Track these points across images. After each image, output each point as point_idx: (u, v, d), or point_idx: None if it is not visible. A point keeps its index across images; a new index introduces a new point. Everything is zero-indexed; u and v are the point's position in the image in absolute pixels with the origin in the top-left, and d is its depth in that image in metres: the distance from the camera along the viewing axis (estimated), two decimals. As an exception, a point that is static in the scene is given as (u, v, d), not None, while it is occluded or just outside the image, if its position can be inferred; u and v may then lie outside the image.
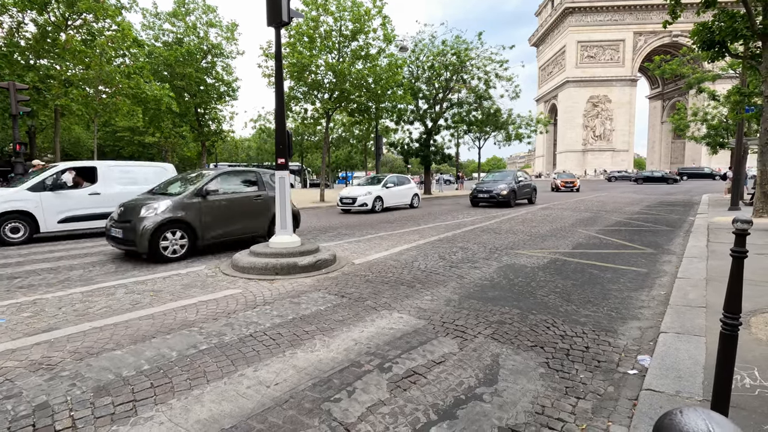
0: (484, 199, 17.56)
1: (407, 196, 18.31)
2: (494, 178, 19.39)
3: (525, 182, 19.08)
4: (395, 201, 17.60)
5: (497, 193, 17.08)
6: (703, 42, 11.15)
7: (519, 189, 18.09)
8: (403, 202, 18.04)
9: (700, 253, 6.40)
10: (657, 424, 1.06)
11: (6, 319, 4.05)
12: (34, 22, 17.64)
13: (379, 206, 16.31)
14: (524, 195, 18.76)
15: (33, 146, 24.88)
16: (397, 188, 17.80)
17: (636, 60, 75.74)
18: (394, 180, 18.13)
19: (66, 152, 38.54)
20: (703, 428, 0.95)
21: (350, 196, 16.14)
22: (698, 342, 3.15)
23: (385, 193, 16.74)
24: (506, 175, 19.11)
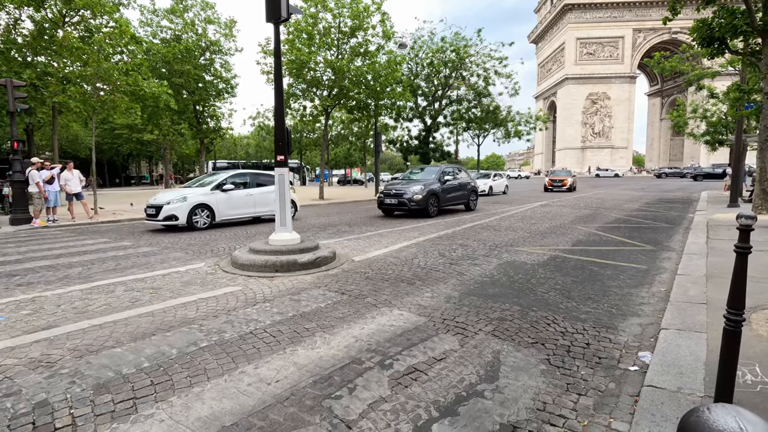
0: (392, 206, 12.92)
1: None
2: (412, 176, 14.69)
3: (458, 181, 14.35)
4: None
5: (409, 197, 12.34)
6: (702, 39, 11.13)
7: (445, 191, 13.46)
8: None
9: (699, 250, 6.40)
10: (683, 422, 0.99)
11: (5, 317, 4.03)
12: (31, 19, 17.52)
13: None
14: (455, 199, 14.16)
15: (31, 144, 24.79)
16: None
17: (635, 57, 75.65)
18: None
19: (64, 150, 38.42)
20: (734, 426, 0.89)
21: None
22: (699, 338, 3.14)
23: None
24: (430, 173, 14.19)
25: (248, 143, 61.51)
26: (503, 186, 25.81)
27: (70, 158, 32.90)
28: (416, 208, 12.41)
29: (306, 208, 17.31)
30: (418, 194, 12.42)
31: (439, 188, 13.18)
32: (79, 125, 34.78)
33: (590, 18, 76.48)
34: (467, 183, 14.88)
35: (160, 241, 8.72)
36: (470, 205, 14.96)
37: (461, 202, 14.63)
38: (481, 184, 22.54)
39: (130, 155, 53.25)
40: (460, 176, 14.78)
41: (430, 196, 12.62)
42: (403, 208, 12.62)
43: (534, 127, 33.41)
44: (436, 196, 12.94)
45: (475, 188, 15.28)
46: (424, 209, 12.46)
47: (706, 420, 0.93)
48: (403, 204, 12.46)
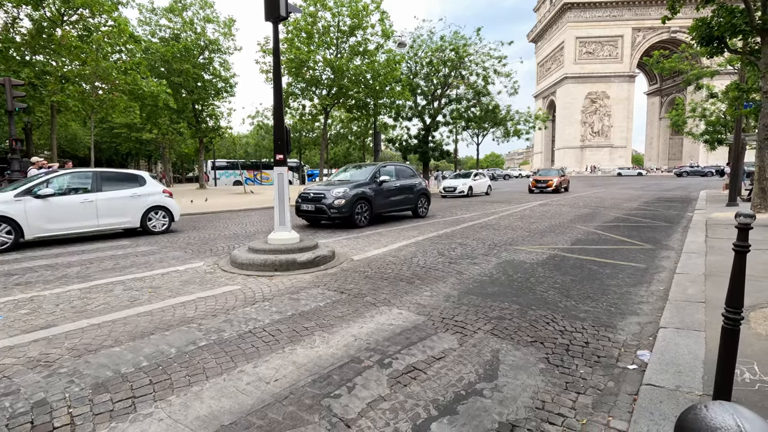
0: (310, 214, 10.38)
1: None
2: (341, 175, 12.21)
3: (399, 183, 11.81)
4: None
5: (329, 203, 9.85)
6: (701, 38, 11.12)
7: (381, 195, 10.94)
8: None
9: (698, 249, 6.41)
10: (681, 420, 0.99)
11: (3, 316, 4.03)
12: (29, 18, 17.50)
13: None
14: (397, 204, 11.74)
15: (29, 143, 24.74)
16: None
17: (634, 56, 75.67)
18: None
19: (63, 149, 38.36)
20: (731, 423, 0.89)
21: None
22: (698, 337, 3.15)
23: None
24: (364, 172, 11.51)
25: (247, 142, 61.50)
26: (485, 186, 23.99)
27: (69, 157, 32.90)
28: (338, 216, 9.94)
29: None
30: (341, 198, 9.86)
31: (371, 191, 10.62)
32: (77, 124, 34.74)
33: (589, 17, 76.48)
34: (414, 185, 12.40)
35: (159, 240, 8.71)
36: (419, 211, 12.47)
37: (406, 207, 12.21)
38: (459, 184, 22.02)
39: (129, 154, 53.17)
40: (405, 176, 12.39)
41: (357, 202, 10.17)
42: (323, 216, 10.17)
43: (533, 127, 33.43)
44: (366, 201, 10.46)
45: (425, 191, 12.83)
46: (349, 217, 10.01)
47: (703, 417, 0.93)
48: (322, 211, 9.97)
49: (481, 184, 23.50)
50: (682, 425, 0.97)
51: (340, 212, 9.90)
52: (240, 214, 14.55)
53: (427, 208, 12.96)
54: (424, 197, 12.77)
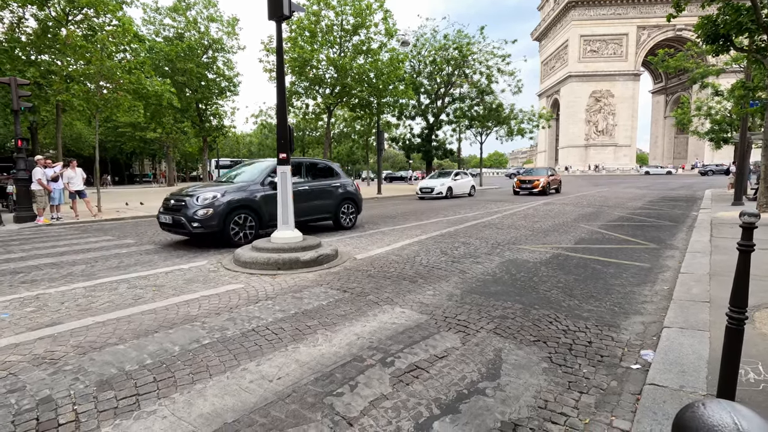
0: (168, 226, 7.96)
1: None
2: (229, 174, 9.48)
3: (310, 186, 9.24)
4: None
5: (191, 214, 7.40)
6: (707, 35, 11.04)
7: (274, 201, 7.24)
8: None
9: (703, 248, 6.37)
10: (678, 418, 0.99)
11: (9, 314, 4.06)
12: (34, 17, 17.58)
13: None
14: (303, 213, 8.75)
15: (35, 142, 24.91)
16: None
17: (639, 54, 75.24)
18: None
19: (68, 148, 38.60)
20: (729, 421, 0.88)
21: None
22: (702, 337, 3.13)
23: None
24: (254, 172, 8.77)
25: (251, 141, 61.65)
26: (467, 187, 22.51)
27: (74, 156, 33.08)
28: (202, 233, 7.37)
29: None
30: (206, 208, 7.34)
31: (259, 197, 8.01)
32: (82, 123, 34.94)
33: (594, 15, 76.10)
34: (335, 187, 9.72)
35: (163, 239, 8.75)
36: (341, 221, 9.82)
37: (322, 216, 9.52)
38: (437, 185, 20.56)
39: (133, 153, 53.46)
40: (322, 176, 9.82)
41: (233, 211, 7.61)
42: (182, 231, 7.60)
43: (537, 125, 33.31)
44: (250, 211, 7.87)
45: (353, 195, 10.14)
46: (218, 233, 7.47)
47: (701, 415, 0.93)
48: (180, 224, 7.44)
49: (462, 184, 22.10)
50: (679, 423, 0.97)
51: (206, 226, 7.33)
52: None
53: (354, 216, 10.25)
54: (349, 203, 10.07)
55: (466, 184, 22.48)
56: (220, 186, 8.15)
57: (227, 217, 7.60)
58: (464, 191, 22.20)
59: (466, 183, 22.45)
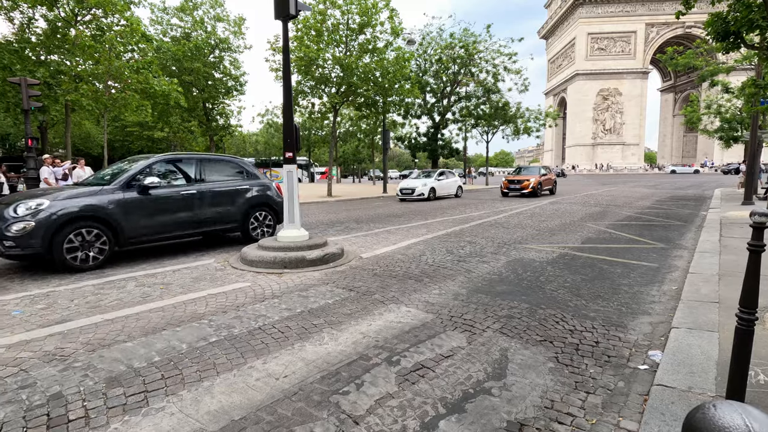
0: None
1: None
2: (100, 175, 7.42)
3: (198, 190, 7.22)
4: None
5: (1, 231, 5.31)
6: (717, 33, 10.89)
7: (139, 210, 6.39)
8: None
9: (712, 248, 6.30)
10: (689, 419, 0.98)
11: (21, 311, 4.12)
12: (44, 18, 17.79)
13: None
14: (188, 225, 7.08)
15: (45, 141, 25.20)
16: None
17: (647, 52, 74.51)
18: None
19: (77, 147, 39.00)
20: (740, 423, 0.87)
21: None
22: (711, 337, 3.10)
23: None
24: (118, 173, 6.77)
25: (257, 140, 61.87)
26: (454, 188, 21.13)
27: (83, 155, 33.41)
28: (17, 254, 5.47)
29: (314, 205, 17.38)
30: (26, 221, 5.41)
31: (114, 205, 6.14)
32: (91, 123, 35.29)
33: (602, 13, 75.46)
34: (242, 190, 7.74)
35: (171, 238, 8.81)
36: (252, 233, 7.88)
37: (221, 228, 7.52)
38: (419, 185, 18.81)
39: (141, 153, 53.90)
40: (223, 176, 7.71)
41: (64, 225, 5.64)
42: (13, 253, 5.44)
43: (543, 124, 33.12)
44: (99, 224, 5.98)
45: (267, 200, 8.12)
46: (44, 254, 5.51)
47: (711, 417, 0.92)
48: (4, 238, 5.36)
49: (447, 184, 20.56)
50: (690, 424, 0.96)
51: (23, 246, 5.37)
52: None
53: (271, 226, 8.26)
54: (264, 210, 8.11)
55: (452, 185, 21.08)
56: (62, 191, 6.05)
57: (57, 234, 5.53)
58: (449, 192, 20.81)
59: (451, 183, 21.07)
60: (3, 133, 37.70)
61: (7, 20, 17.65)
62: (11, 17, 17.63)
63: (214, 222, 7.45)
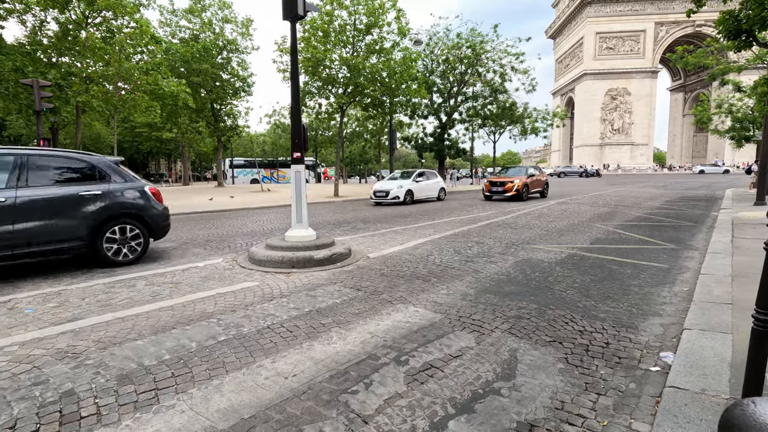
0: None
1: None
2: None
3: (21, 199, 5.16)
4: None
5: None
6: (728, 31, 10.76)
7: None
8: None
9: (724, 249, 6.22)
10: (726, 415, 0.95)
11: (33, 309, 4.17)
12: (55, 21, 18.04)
13: None
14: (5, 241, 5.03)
15: (56, 142, 25.51)
16: None
17: (657, 51, 73.75)
18: None
19: (87, 148, 39.45)
20: None
21: None
22: (724, 339, 3.06)
23: None
24: None
25: (264, 141, 62.17)
26: (435, 190, 19.24)
27: (93, 156, 33.73)
28: None
29: (321, 205, 17.42)
30: None
31: None
32: (101, 124, 35.70)
33: (610, 12, 74.84)
34: (94, 198, 5.84)
35: (180, 236, 8.89)
36: (106, 251, 5.94)
37: (53, 247, 5.49)
38: (394, 187, 16.78)
39: (149, 153, 54.41)
40: (64, 179, 5.77)
41: None
42: None
43: (551, 124, 32.93)
44: None
45: (134, 209, 6.23)
46: None
47: (752, 413, 0.89)
48: None
49: (427, 186, 18.66)
50: (727, 421, 0.92)
51: None
52: (257, 212, 14.74)
53: (140, 243, 6.31)
54: (128, 222, 6.18)
55: (433, 187, 19.19)
56: None
57: None
58: (430, 195, 18.96)
59: (432, 185, 19.12)
60: (15, 134, 38.28)
61: (20, 23, 17.92)
62: (24, 20, 17.89)
63: (38, 241, 5.36)
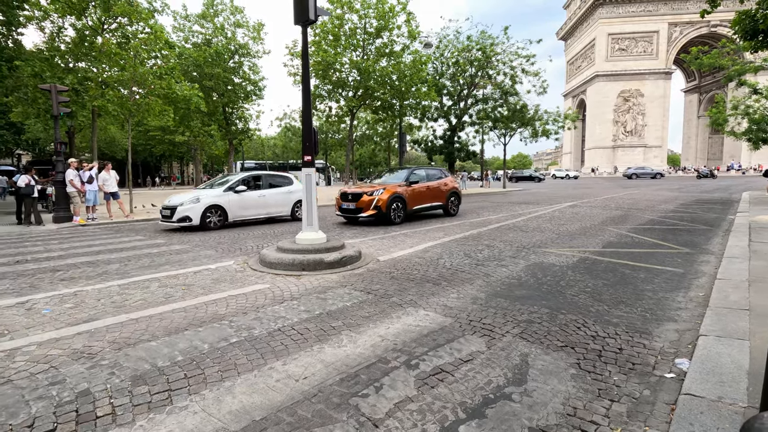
0: None
1: None
2: None
3: None
4: None
5: None
6: (745, 31, 10.59)
7: None
8: None
9: (741, 253, 6.09)
10: (746, 428, 0.93)
11: (50, 309, 4.26)
12: (73, 27, 18.43)
13: None
14: None
15: (72, 146, 26.05)
16: None
17: (671, 52, 72.67)
18: None
19: (102, 151, 40.20)
20: None
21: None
22: (742, 346, 3.00)
23: None
24: None
25: (275, 144, 62.68)
26: (283, 205, 12.26)
27: (108, 159, 34.45)
28: None
29: (331, 208, 17.47)
30: None
31: None
32: (116, 128, 36.34)
33: (622, 13, 73.98)
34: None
35: (191, 239, 9.00)
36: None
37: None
38: (185, 203, 10.43)
39: (162, 156, 55.19)
40: None
41: None
42: None
43: (562, 126, 32.61)
44: None
45: None
46: None
47: None
48: None
49: (263, 201, 11.74)
50: None
51: None
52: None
53: None
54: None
55: (280, 201, 12.14)
56: None
57: None
58: (268, 213, 11.95)
59: (279, 198, 12.10)
60: (33, 138, 39.15)
61: (39, 29, 18.35)
62: (42, 26, 18.32)
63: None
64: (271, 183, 12.35)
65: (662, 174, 52.96)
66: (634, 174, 52.50)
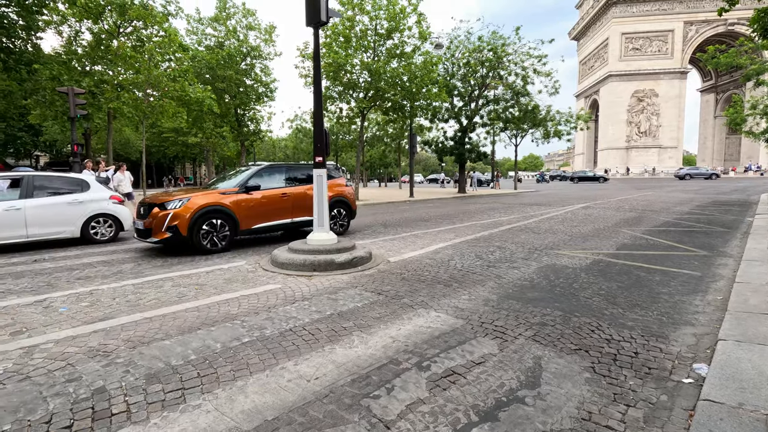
0: None
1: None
2: None
3: None
4: None
5: None
6: (764, 29, 10.36)
7: None
8: None
9: (761, 256, 5.95)
10: None
11: (67, 308, 4.34)
12: (89, 31, 18.82)
13: None
14: None
15: (88, 147, 26.54)
16: None
17: (686, 51, 71.42)
18: None
19: (117, 152, 40.92)
20: None
21: None
22: (762, 351, 2.92)
23: None
24: None
25: (286, 145, 63.05)
26: (76, 221, 8.39)
27: (122, 160, 35.00)
28: None
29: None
30: None
31: None
32: (130, 129, 36.93)
33: (636, 12, 72.96)
34: None
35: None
36: None
37: None
38: None
39: (176, 157, 55.94)
40: None
41: None
42: None
43: (575, 127, 32.21)
44: None
45: None
46: None
47: None
48: None
49: (43, 214, 7.99)
50: None
51: None
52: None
53: None
54: None
55: (55, 213, 8.17)
56: None
57: None
58: (47, 232, 8.10)
59: (41, 211, 7.98)
60: (51, 139, 40.01)
61: (57, 33, 18.77)
62: (60, 31, 18.74)
63: None
64: (44, 187, 8.22)
65: (717, 174, 50.38)
66: (687, 174, 50.10)
